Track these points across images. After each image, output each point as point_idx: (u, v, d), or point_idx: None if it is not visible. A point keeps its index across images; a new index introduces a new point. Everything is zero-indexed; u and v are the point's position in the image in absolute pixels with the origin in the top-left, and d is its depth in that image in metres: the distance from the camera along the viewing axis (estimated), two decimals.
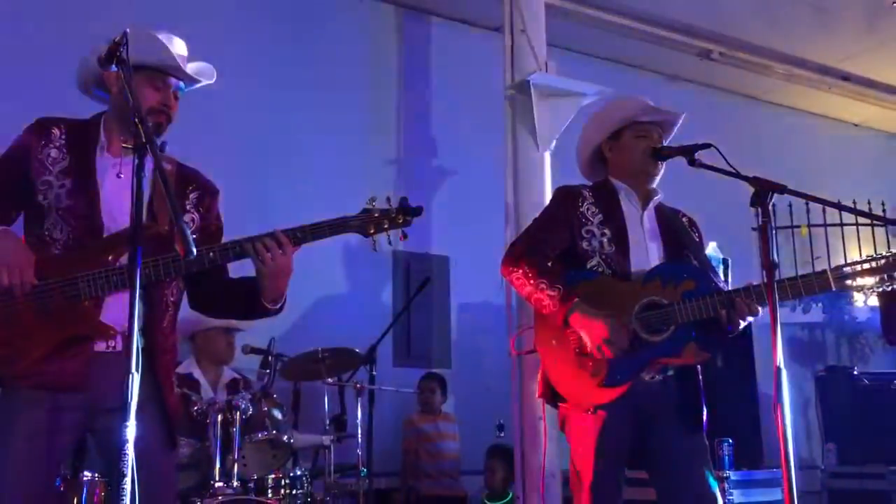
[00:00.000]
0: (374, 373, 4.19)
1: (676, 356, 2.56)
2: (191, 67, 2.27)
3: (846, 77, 6.82)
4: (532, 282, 2.60)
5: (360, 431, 4.15)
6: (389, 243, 2.31)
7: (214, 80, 2.35)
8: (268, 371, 3.82)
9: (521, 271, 2.63)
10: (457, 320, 5.76)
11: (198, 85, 2.33)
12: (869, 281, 2.40)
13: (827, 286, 2.45)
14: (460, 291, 5.75)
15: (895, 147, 7.65)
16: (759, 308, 2.48)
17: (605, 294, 2.59)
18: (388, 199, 2.30)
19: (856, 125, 7.57)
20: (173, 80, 2.26)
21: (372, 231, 2.24)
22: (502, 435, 4.98)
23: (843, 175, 6.97)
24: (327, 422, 4.24)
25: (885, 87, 6.98)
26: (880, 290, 2.40)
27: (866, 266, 2.41)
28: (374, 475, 4.39)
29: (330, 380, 4.20)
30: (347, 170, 5.54)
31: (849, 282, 2.42)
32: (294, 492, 3.74)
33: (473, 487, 5.25)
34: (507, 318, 4.22)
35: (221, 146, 4.92)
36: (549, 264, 2.67)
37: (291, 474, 3.77)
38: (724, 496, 3.98)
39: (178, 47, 2.27)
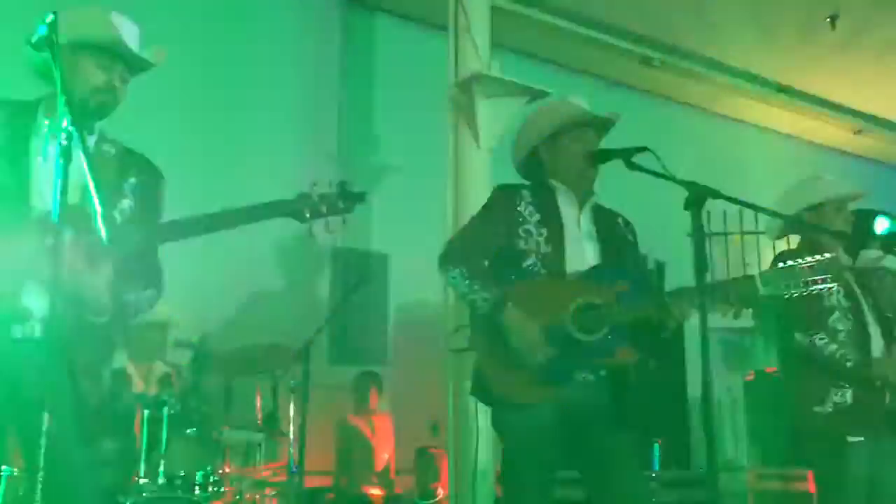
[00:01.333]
0: (308, 370, 4.12)
1: (610, 356, 2.58)
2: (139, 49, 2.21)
3: (781, 89, 7.00)
4: (467, 282, 2.60)
5: (292, 429, 4.09)
6: (329, 231, 2.24)
7: (162, 60, 2.28)
8: (198, 367, 3.74)
9: (457, 271, 2.62)
10: (394, 318, 5.74)
11: (147, 69, 2.26)
12: (794, 285, 2.45)
13: (754, 291, 2.49)
14: (399, 289, 5.72)
15: (826, 158, 7.87)
16: (691, 311, 2.52)
17: (541, 294, 2.60)
18: (331, 185, 2.24)
19: (789, 136, 7.76)
20: (121, 61, 2.19)
21: (308, 216, 2.17)
22: (437, 435, 4.98)
23: (777, 185, 7.13)
24: (259, 419, 4.17)
25: (817, 99, 7.18)
26: (805, 293, 2.45)
27: (792, 271, 2.46)
28: (306, 474, 4.34)
29: (263, 376, 4.13)
30: (287, 165, 5.47)
31: (775, 286, 2.46)
32: (223, 490, 3.68)
33: (407, 487, 5.23)
34: (443, 317, 4.21)
35: (159, 140, 4.80)
36: (486, 264, 2.67)
37: (220, 472, 3.70)
38: (652, 496, 4.04)
39: (128, 29, 2.21)
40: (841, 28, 5.98)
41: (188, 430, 3.53)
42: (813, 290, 2.46)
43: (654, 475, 4.00)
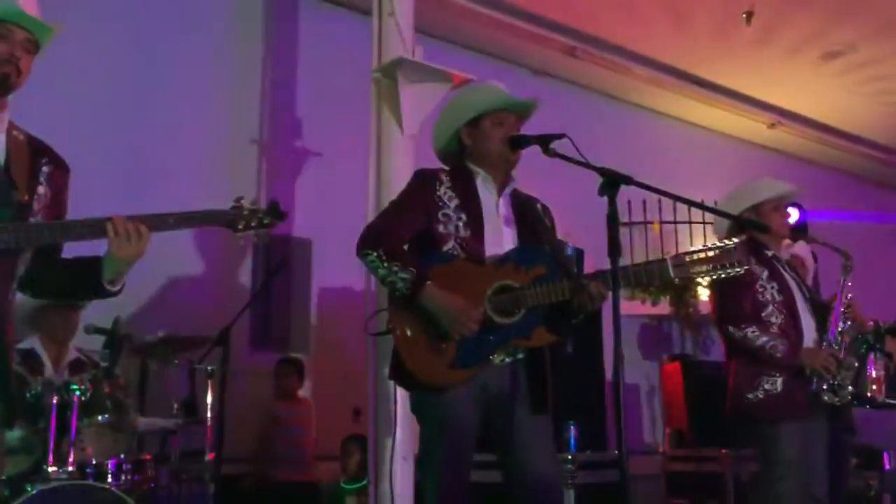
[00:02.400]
0: (227, 355, 4.07)
1: (526, 338, 2.63)
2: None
3: (699, 82, 7.17)
4: (386, 264, 2.60)
5: (209, 415, 4.03)
6: (256, 243, 2.38)
7: (62, 30, 2.22)
8: (111, 352, 3.64)
9: (375, 254, 2.63)
10: (317, 305, 5.70)
11: (48, 37, 2.20)
12: (703, 269, 2.54)
13: (666, 274, 2.56)
14: (322, 275, 5.68)
15: (741, 151, 8.11)
16: (606, 293, 2.57)
17: (459, 277, 2.62)
18: (256, 202, 2.33)
19: (705, 128, 7.97)
20: (21, 31, 2.12)
21: (241, 228, 2.26)
22: (359, 420, 4.97)
23: (693, 176, 7.34)
24: (175, 405, 4.10)
25: (733, 93, 7.38)
26: (713, 277, 2.54)
27: (701, 255, 2.54)
28: (224, 460, 4.28)
29: (179, 362, 4.06)
30: (209, 150, 5.37)
31: (685, 270, 2.54)
32: (137, 477, 3.60)
33: (329, 473, 5.22)
34: (365, 302, 4.20)
35: (79, 123, 4.70)
36: (405, 247, 2.68)
37: (134, 459, 3.62)
38: (567, 477, 4.12)
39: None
40: (756, 24, 6.16)
41: (100, 417, 3.44)
42: (721, 274, 2.55)
43: (569, 457, 4.07)
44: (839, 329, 3.54)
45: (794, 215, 6.40)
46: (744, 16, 6.11)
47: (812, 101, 7.64)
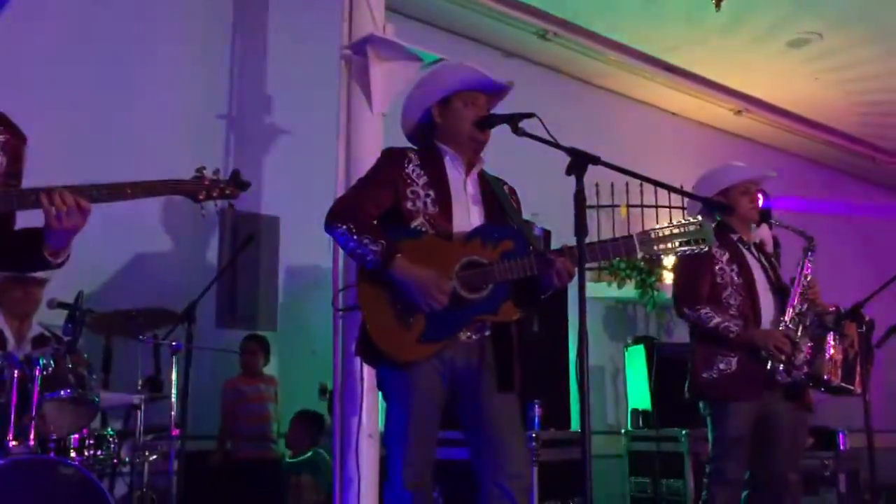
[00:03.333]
0: (192, 332, 4.04)
1: (493, 314, 2.64)
2: None
3: (668, 68, 7.21)
4: (356, 237, 2.60)
5: (174, 392, 4.01)
6: (217, 213, 2.32)
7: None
8: (74, 326, 3.61)
9: (345, 227, 2.63)
10: (284, 282, 5.68)
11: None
12: (668, 246, 2.57)
13: (632, 250, 2.60)
14: (289, 252, 5.66)
15: (708, 137, 8.18)
16: (573, 269, 2.59)
17: (427, 252, 2.63)
18: (217, 172, 2.31)
19: (674, 114, 8.03)
20: None
21: (202, 197, 2.23)
22: (326, 398, 4.98)
23: (661, 160, 7.39)
24: (139, 381, 4.08)
25: (701, 79, 7.44)
26: (678, 255, 2.57)
27: (666, 233, 2.57)
28: (189, 437, 4.27)
29: (144, 338, 4.03)
30: (177, 126, 5.31)
31: (651, 246, 2.57)
32: (99, 453, 3.59)
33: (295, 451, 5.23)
34: (333, 279, 4.20)
35: (41, 95, 4.64)
36: (374, 222, 2.69)
37: (97, 435, 3.60)
38: (532, 455, 4.17)
39: None
40: (725, 10, 6.19)
41: (62, 392, 3.41)
42: (686, 251, 2.58)
43: (533, 435, 4.12)
44: (797, 310, 3.62)
45: (759, 201, 6.51)
46: (713, 2, 6.14)
47: (778, 89, 7.72)
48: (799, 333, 3.57)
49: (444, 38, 6.39)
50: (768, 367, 3.51)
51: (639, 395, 5.91)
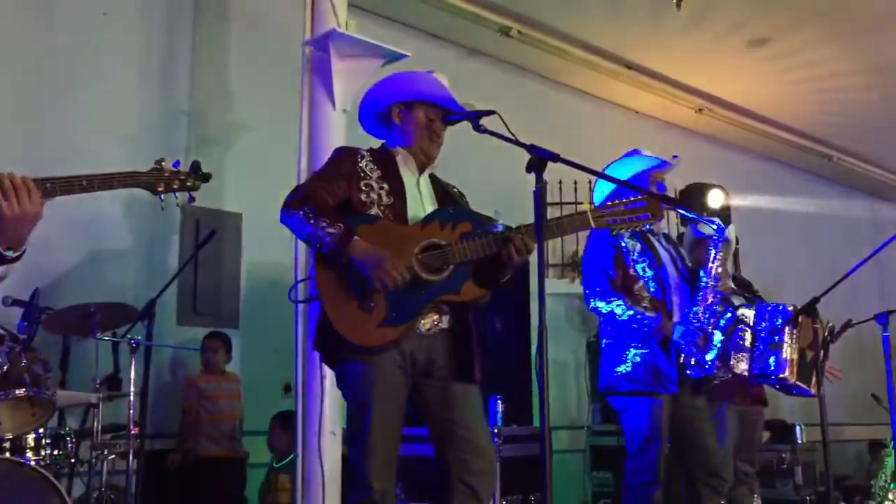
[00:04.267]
0: (151, 329, 4.00)
1: (455, 293, 2.63)
2: None
3: (630, 66, 7.28)
4: (312, 221, 2.60)
5: (132, 390, 3.97)
6: (177, 205, 2.27)
7: None
8: (30, 324, 3.55)
9: (301, 212, 2.62)
10: (247, 279, 5.64)
11: None
12: (621, 220, 2.59)
13: (587, 224, 2.62)
14: (252, 249, 5.62)
15: (669, 135, 8.27)
16: (532, 245, 2.60)
17: (385, 236, 2.63)
18: (179, 164, 2.27)
19: (636, 112, 8.10)
20: None
21: (161, 189, 2.19)
22: (289, 396, 4.96)
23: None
24: (97, 380, 4.02)
25: (663, 77, 7.51)
26: (631, 229, 2.60)
27: (619, 208, 2.59)
28: (149, 436, 4.23)
29: (102, 336, 3.98)
30: (137, 121, 5.25)
31: (604, 220, 2.59)
32: (56, 452, 3.54)
33: (258, 449, 5.19)
34: (294, 273, 4.18)
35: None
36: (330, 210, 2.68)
37: (54, 433, 3.55)
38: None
39: None
40: (686, 9, 6.26)
41: (18, 391, 3.36)
42: (636, 226, 2.60)
43: (495, 430, 4.15)
44: (707, 302, 3.64)
45: (719, 197, 6.61)
46: (674, 1, 6.20)
47: (738, 88, 7.83)
48: (710, 327, 3.59)
49: (407, 34, 6.38)
50: (681, 360, 3.52)
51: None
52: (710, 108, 8.02)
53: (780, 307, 3.98)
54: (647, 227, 3.64)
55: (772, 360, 3.90)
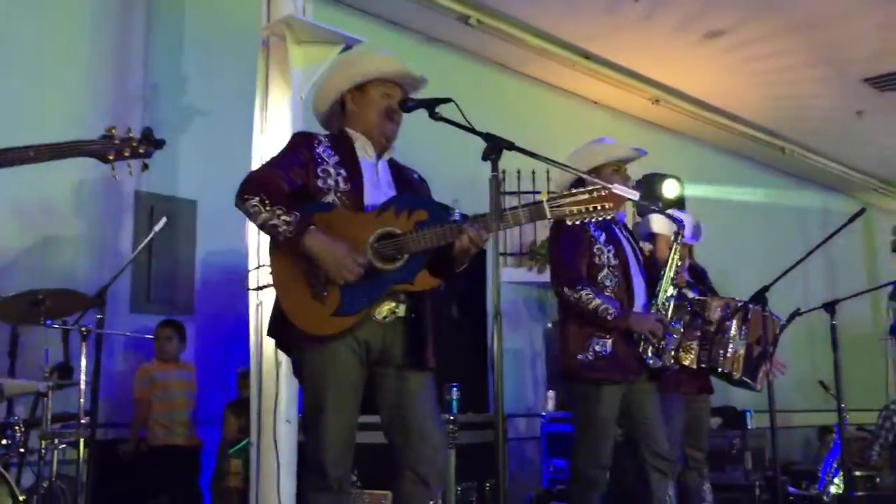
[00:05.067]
0: (103, 317, 3.93)
1: (409, 283, 2.62)
2: None
3: (588, 56, 7.32)
4: (268, 209, 2.58)
5: (83, 378, 3.90)
6: (130, 174, 2.25)
7: None
8: None
9: (256, 199, 2.60)
10: (202, 267, 5.57)
11: None
12: (577, 210, 2.58)
13: (543, 215, 2.60)
14: (207, 237, 5.55)
15: (625, 126, 8.34)
16: (486, 235, 2.59)
17: (340, 225, 2.62)
18: (129, 131, 2.22)
19: (594, 102, 8.15)
20: None
21: (112, 157, 2.14)
22: (245, 384, 4.92)
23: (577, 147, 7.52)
24: (46, 368, 3.95)
25: (619, 67, 7.57)
26: (585, 219, 2.59)
27: (576, 198, 2.58)
28: (101, 425, 4.16)
29: (53, 323, 3.91)
30: (90, 105, 5.14)
31: (561, 210, 2.57)
32: (5, 441, 3.47)
33: (213, 437, 5.16)
34: (248, 261, 4.14)
35: None
36: (286, 197, 2.66)
37: (2, 423, 3.49)
38: (449, 438, 4.20)
39: None
40: (644, 1, 6.33)
41: None
42: (592, 217, 2.59)
43: (451, 418, 4.16)
44: (667, 294, 3.70)
45: (674, 187, 6.69)
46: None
47: (694, 79, 7.91)
48: (669, 317, 3.65)
49: (366, 21, 6.34)
50: (640, 349, 3.58)
51: (556, 377, 6.02)
52: (666, 99, 8.10)
53: (738, 301, 4.07)
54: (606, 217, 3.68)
55: (721, 353, 3.98)
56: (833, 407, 4.69)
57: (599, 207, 2.53)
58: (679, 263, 3.74)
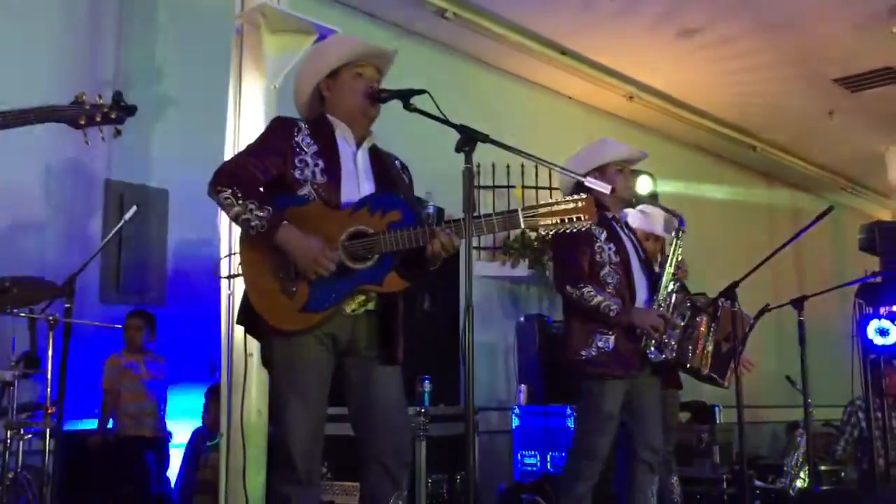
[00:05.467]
0: (71, 306, 3.89)
1: (378, 284, 2.63)
2: None
3: (563, 51, 7.33)
4: (241, 202, 2.56)
5: (50, 368, 3.86)
6: (103, 139, 2.22)
7: None
8: None
9: (229, 191, 2.58)
10: (173, 257, 5.52)
11: None
12: (552, 222, 2.58)
13: (517, 224, 2.60)
14: (178, 227, 5.50)
15: (600, 122, 8.38)
16: (458, 241, 2.61)
17: (313, 220, 2.61)
18: (100, 97, 2.21)
19: (569, 98, 8.18)
20: None
21: (83, 122, 2.12)
22: (216, 374, 4.88)
23: (555, 144, 7.51)
24: (12, 357, 3.90)
25: (594, 64, 7.60)
26: (561, 231, 2.59)
27: (552, 209, 2.59)
28: (70, 416, 4.12)
29: (18, 311, 3.86)
30: (59, 90, 5.02)
31: (536, 221, 2.57)
32: None
33: (183, 428, 5.12)
34: (219, 250, 4.11)
35: None
36: (261, 188, 2.65)
37: None
38: (419, 430, 4.22)
39: None
40: None
41: None
42: (568, 228, 2.60)
43: (422, 410, 4.17)
44: (668, 289, 3.75)
45: (647, 183, 6.74)
46: None
47: (667, 77, 7.97)
48: (671, 312, 3.70)
49: (340, 11, 6.30)
50: (642, 344, 3.63)
51: (528, 371, 6.05)
52: (639, 95, 8.14)
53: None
54: (610, 214, 3.74)
55: (689, 349, 4.03)
56: (800, 403, 4.76)
57: (574, 219, 2.53)
58: (680, 258, 3.79)
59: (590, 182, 2.81)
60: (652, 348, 3.63)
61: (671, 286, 3.75)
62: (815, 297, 4.84)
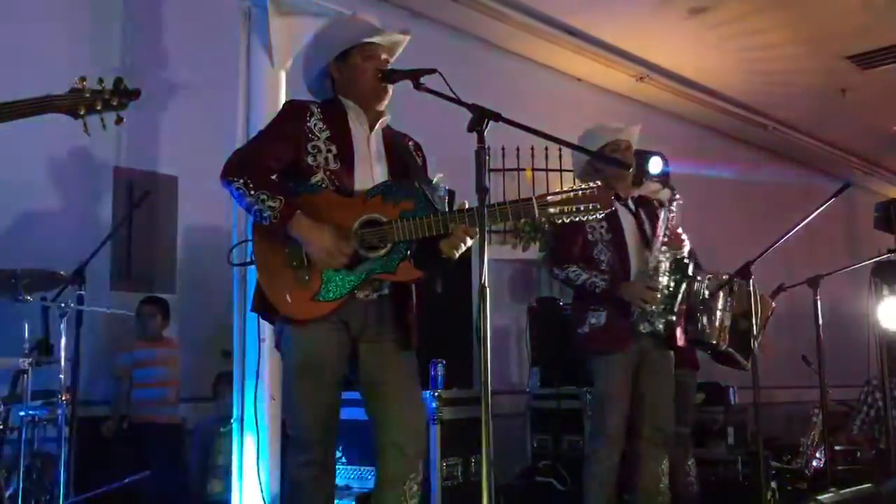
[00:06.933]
0: (82, 293, 3.89)
1: (391, 273, 2.61)
2: None
3: (571, 32, 7.26)
4: (253, 192, 2.54)
5: (63, 356, 3.86)
6: (104, 127, 2.15)
7: None
8: None
9: (241, 181, 2.56)
10: (183, 243, 5.51)
11: None
12: (566, 209, 2.55)
13: (531, 213, 2.57)
14: (188, 213, 5.49)
15: (610, 103, 8.31)
16: (473, 231, 2.59)
17: (326, 208, 2.59)
18: (101, 81, 2.14)
19: (578, 79, 8.11)
20: None
21: (83, 112, 2.06)
22: (228, 361, 4.88)
23: (564, 125, 7.43)
24: (26, 345, 3.90)
25: (603, 44, 7.52)
26: (575, 220, 2.57)
27: (565, 196, 2.56)
28: (83, 402, 4.13)
29: (31, 299, 3.86)
30: (65, 78, 5.02)
31: (550, 210, 2.56)
32: None
33: (197, 414, 5.12)
34: (231, 237, 4.09)
35: None
36: (273, 177, 2.62)
37: None
38: (434, 413, 4.22)
39: None
40: None
41: None
42: (582, 216, 2.56)
43: (436, 394, 4.16)
44: (658, 259, 3.71)
45: (658, 163, 6.68)
46: None
47: (678, 57, 7.89)
48: (662, 281, 3.65)
49: None
50: (634, 317, 3.61)
51: (541, 354, 6.02)
52: (651, 76, 8.06)
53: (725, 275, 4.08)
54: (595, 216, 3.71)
55: (706, 322, 3.99)
56: (815, 383, 4.72)
57: (588, 207, 2.52)
58: (671, 227, 3.75)
59: (604, 158, 2.78)
60: (643, 320, 3.61)
61: (662, 257, 3.70)
62: (828, 276, 4.79)
